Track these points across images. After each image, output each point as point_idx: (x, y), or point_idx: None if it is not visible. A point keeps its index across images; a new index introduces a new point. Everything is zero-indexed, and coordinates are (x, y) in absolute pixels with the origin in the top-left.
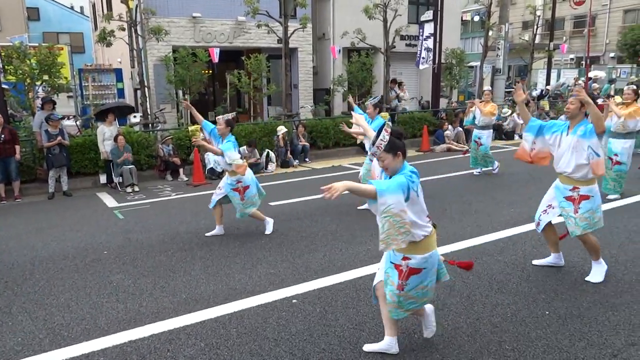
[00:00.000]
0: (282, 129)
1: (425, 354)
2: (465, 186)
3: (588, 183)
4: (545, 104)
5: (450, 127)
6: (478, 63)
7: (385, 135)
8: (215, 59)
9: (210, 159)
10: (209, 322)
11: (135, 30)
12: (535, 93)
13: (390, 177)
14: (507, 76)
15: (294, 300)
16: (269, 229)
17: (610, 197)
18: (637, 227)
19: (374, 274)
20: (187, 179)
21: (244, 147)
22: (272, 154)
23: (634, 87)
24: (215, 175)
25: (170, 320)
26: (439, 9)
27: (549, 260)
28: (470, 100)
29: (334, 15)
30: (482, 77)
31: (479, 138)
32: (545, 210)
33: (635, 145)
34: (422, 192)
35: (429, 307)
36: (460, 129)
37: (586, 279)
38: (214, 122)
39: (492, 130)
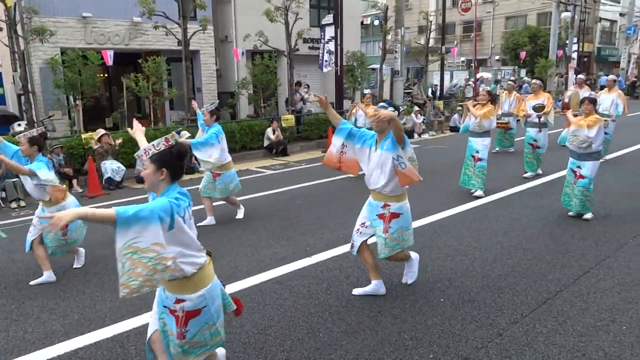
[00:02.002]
0: (185, 134)
1: (328, 351)
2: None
3: (399, 199)
4: (440, 103)
5: None
6: (378, 65)
7: (160, 143)
8: (109, 62)
9: (108, 168)
10: (105, 342)
11: (15, 31)
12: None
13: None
14: (406, 78)
15: None
16: None
17: (477, 193)
18: (518, 215)
19: (281, 276)
20: (81, 190)
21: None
22: None
23: (488, 88)
24: (113, 185)
25: (60, 345)
26: (339, 12)
27: (369, 289)
28: (354, 104)
29: (235, 17)
30: (382, 79)
31: None
32: (359, 230)
33: (505, 145)
34: (192, 219)
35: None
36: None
37: (403, 280)
38: (111, 129)
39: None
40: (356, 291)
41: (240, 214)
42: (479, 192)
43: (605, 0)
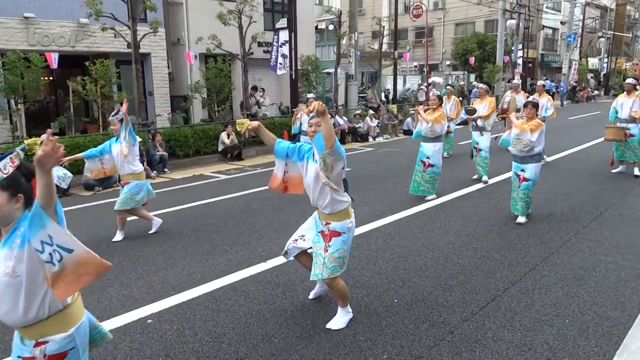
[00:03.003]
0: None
1: (284, 356)
2: None
3: (340, 217)
4: (393, 107)
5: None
6: (333, 70)
7: (7, 166)
8: (54, 65)
9: (53, 175)
10: None
11: None
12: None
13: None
14: (361, 82)
15: (148, 321)
16: None
17: (428, 197)
18: (469, 215)
19: (236, 282)
20: None
21: None
22: None
23: (438, 93)
24: (59, 193)
25: None
26: (293, 17)
27: (317, 290)
28: (297, 109)
29: (188, 20)
30: (337, 83)
31: None
32: (297, 240)
33: (445, 149)
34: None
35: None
36: None
37: (327, 325)
38: (57, 134)
39: None
40: (312, 295)
41: (118, 237)
42: (431, 196)
43: (547, 9)
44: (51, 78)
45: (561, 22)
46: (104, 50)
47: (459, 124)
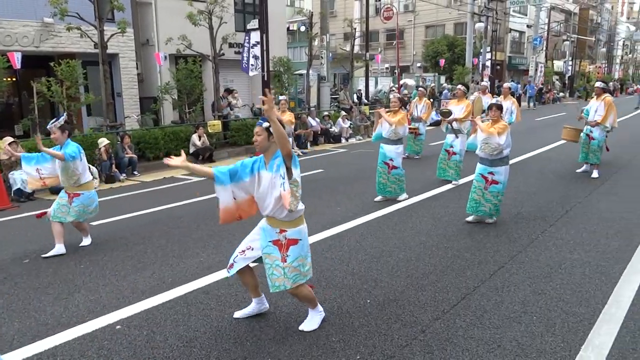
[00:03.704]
0: (103, 141)
1: (256, 359)
2: None
3: (295, 224)
4: (366, 109)
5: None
6: (305, 71)
7: None
8: (17, 65)
9: (17, 179)
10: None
11: None
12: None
13: None
14: (333, 83)
15: (117, 327)
16: None
17: (400, 198)
18: (440, 215)
19: (206, 286)
20: None
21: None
22: (93, 169)
23: (399, 95)
24: (24, 197)
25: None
26: (265, 18)
27: (250, 309)
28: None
29: (157, 20)
30: (309, 84)
31: None
32: (244, 252)
33: (415, 151)
34: None
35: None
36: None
37: (300, 327)
38: (20, 137)
39: (292, 139)
40: (237, 314)
41: (85, 242)
42: (403, 196)
43: (514, 13)
44: (14, 79)
45: (527, 26)
46: (69, 51)
47: (430, 125)
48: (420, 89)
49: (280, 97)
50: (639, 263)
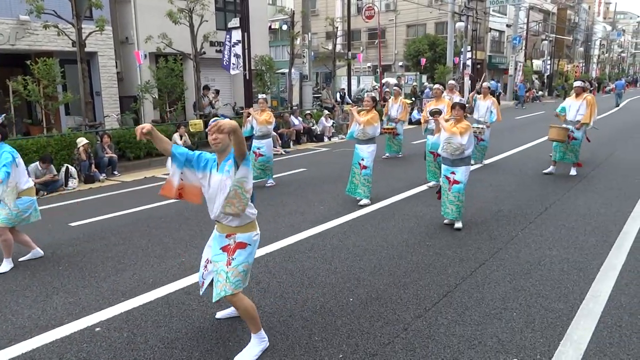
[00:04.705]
0: (82, 141)
1: None
2: (279, 188)
3: (246, 229)
4: (348, 108)
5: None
6: (287, 70)
7: None
8: None
9: None
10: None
11: None
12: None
13: None
14: (315, 82)
15: (97, 329)
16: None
17: (362, 202)
18: (422, 213)
19: (188, 287)
20: None
21: (37, 163)
22: (72, 169)
23: (373, 94)
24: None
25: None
26: (246, 16)
27: (230, 310)
28: (245, 110)
29: (136, 18)
30: (291, 83)
31: (258, 148)
32: (206, 267)
33: (395, 150)
34: None
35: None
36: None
37: (235, 358)
38: None
39: (271, 140)
40: (219, 314)
41: (29, 256)
42: (365, 201)
43: (494, 12)
44: None
45: (507, 25)
46: (46, 49)
47: (412, 123)
48: (395, 88)
49: (260, 96)
50: (616, 259)
